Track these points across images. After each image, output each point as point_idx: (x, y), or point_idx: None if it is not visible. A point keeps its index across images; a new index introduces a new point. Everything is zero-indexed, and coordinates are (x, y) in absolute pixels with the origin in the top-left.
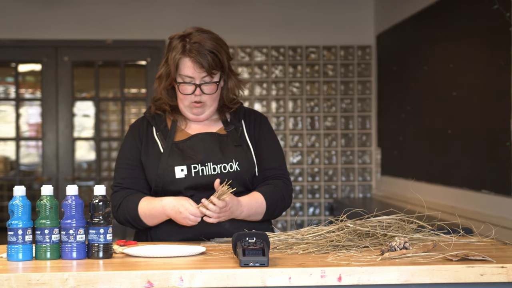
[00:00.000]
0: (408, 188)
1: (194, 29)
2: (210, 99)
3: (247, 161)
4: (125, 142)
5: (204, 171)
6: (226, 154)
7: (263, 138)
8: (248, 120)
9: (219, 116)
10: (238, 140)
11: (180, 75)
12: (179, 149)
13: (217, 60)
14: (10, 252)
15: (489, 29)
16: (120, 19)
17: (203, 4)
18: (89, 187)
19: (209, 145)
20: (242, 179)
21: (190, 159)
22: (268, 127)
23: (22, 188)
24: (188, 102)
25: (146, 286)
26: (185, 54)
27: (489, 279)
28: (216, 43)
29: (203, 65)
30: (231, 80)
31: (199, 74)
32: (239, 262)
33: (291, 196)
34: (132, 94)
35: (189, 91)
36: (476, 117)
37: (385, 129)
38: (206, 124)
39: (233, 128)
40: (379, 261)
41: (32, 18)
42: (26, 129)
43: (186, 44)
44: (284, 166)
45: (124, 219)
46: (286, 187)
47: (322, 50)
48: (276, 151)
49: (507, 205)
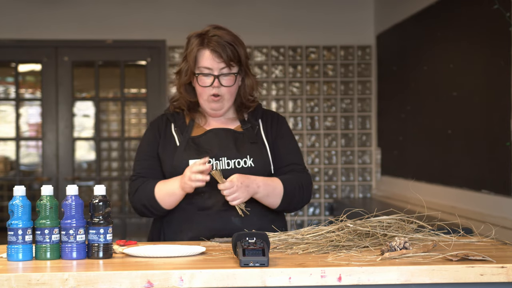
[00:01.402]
0: (408, 188)
1: (212, 26)
2: (228, 92)
3: (262, 159)
4: (145, 137)
5: (218, 166)
6: (240, 150)
7: (280, 137)
8: (265, 119)
9: (237, 115)
10: (254, 138)
11: (198, 67)
12: (194, 143)
13: (236, 52)
14: (10, 252)
15: (489, 29)
16: (120, 19)
17: (203, 4)
18: (89, 187)
19: (224, 140)
20: (257, 175)
21: (205, 153)
22: (285, 126)
23: (22, 188)
24: (206, 96)
25: (146, 286)
26: (203, 46)
27: (489, 279)
28: (234, 38)
29: (222, 55)
30: (249, 78)
31: (218, 65)
32: (239, 262)
33: (310, 189)
34: (132, 94)
35: (207, 83)
36: (476, 117)
37: (385, 129)
38: (223, 122)
39: (250, 126)
40: (379, 261)
41: (32, 18)
42: (26, 129)
43: (204, 38)
44: (302, 162)
45: (140, 204)
46: (305, 178)
47: (322, 50)
48: (294, 149)
49: (507, 205)
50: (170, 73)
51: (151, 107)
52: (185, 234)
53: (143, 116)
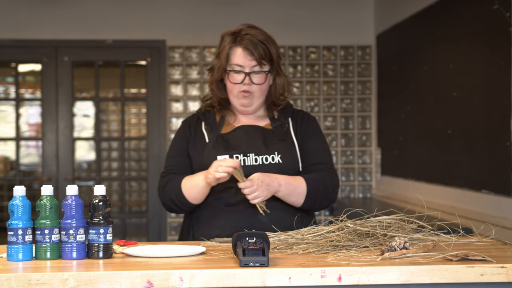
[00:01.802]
0: (408, 188)
1: (245, 25)
2: (259, 90)
3: (291, 156)
4: (176, 135)
5: (246, 162)
6: (269, 147)
7: (309, 136)
8: (295, 118)
9: (267, 113)
10: (283, 135)
11: (230, 64)
12: (223, 140)
13: (267, 51)
14: (10, 252)
15: (489, 29)
16: (120, 19)
17: (203, 4)
18: (89, 187)
19: (253, 137)
20: (284, 172)
21: (233, 150)
22: (315, 125)
23: (22, 188)
24: (236, 92)
25: (146, 286)
26: (236, 44)
27: (489, 279)
28: (267, 37)
29: (254, 53)
30: (280, 77)
31: (249, 63)
32: (239, 262)
33: (335, 188)
34: (132, 94)
35: (238, 80)
36: (476, 117)
37: (385, 129)
38: (253, 119)
39: (279, 124)
40: (379, 261)
41: (32, 18)
42: (26, 129)
43: (237, 36)
44: (330, 161)
45: (168, 198)
46: (330, 177)
47: (322, 50)
48: (322, 148)
49: (507, 205)
50: (170, 73)
51: (151, 107)
52: (213, 230)
53: (143, 116)
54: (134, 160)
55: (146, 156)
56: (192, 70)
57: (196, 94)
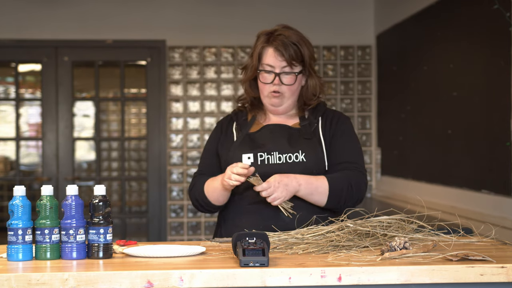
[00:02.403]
0: (408, 188)
1: (281, 25)
2: (289, 90)
3: (316, 154)
4: (210, 135)
5: (270, 160)
6: (293, 145)
7: (338, 135)
8: (326, 117)
9: (298, 112)
10: (309, 134)
11: (262, 64)
12: (250, 138)
13: (299, 52)
14: (10, 252)
15: (489, 29)
16: (120, 19)
17: (203, 4)
18: (89, 187)
19: (278, 135)
20: (308, 170)
21: (258, 148)
22: (347, 125)
23: (22, 188)
24: (267, 92)
25: (146, 286)
26: (268, 44)
27: (489, 279)
28: (300, 38)
29: (284, 54)
30: (312, 79)
31: (279, 63)
32: (239, 262)
33: (361, 187)
34: (132, 94)
35: (268, 80)
36: (476, 117)
37: (385, 129)
38: (283, 118)
39: (307, 123)
40: (379, 261)
41: (32, 18)
42: (26, 129)
43: (270, 36)
44: (359, 161)
45: (194, 199)
46: (356, 176)
47: (322, 50)
48: (351, 147)
49: (507, 205)
50: (170, 73)
51: (151, 107)
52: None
53: (143, 116)
54: (134, 160)
55: (146, 156)
56: (192, 70)
57: (196, 94)
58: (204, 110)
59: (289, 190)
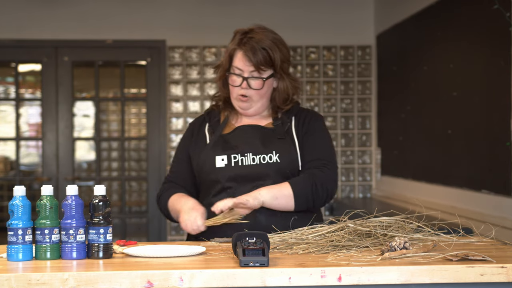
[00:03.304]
0: (408, 188)
1: (257, 26)
2: (257, 94)
3: (289, 154)
4: (182, 137)
5: (243, 161)
6: (267, 146)
7: (310, 133)
8: (299, 116)
9: (271, 113)
10: (283, 134)
11: (232, 66)
12: (223, 140)
13: (268, 58)
14: (10, 252)
15: (489, 29)
16: (120, 19)
17: (203, 4)
18: (89, 187)
19: (251, 136)
20: (282, 171)
21: (231, 149)
22: (319, 123)
23: (22, 188)
24: (235, 95)
25: (146, 286)
26: (239, 47)
27: (489, 279)
28: (272, 42)
29: (252, 60)
30: (284, 81)
31: (247, 68)
32: (239, 262)
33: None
34: (132, 94)
35: (236, 83)
36: (476, 117)
37: (385, 129)
38: (255, 119)
39: (280, 123)
40: (379, 261)
41: (32, 18)
42: (26, 129)
43: (243, 38)
44: (328, 157)
45: (160, 208)
46: (321, 174)
47: (322, 50)
48: (322, 144)
49: (507, 205)
50: (170, 73)
51: (151, 107)
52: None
53: (143, 116)
54: (134, 160)
55: (146, 156)
56: (192, 70)
57: (196, 94)
58: (204, 110)
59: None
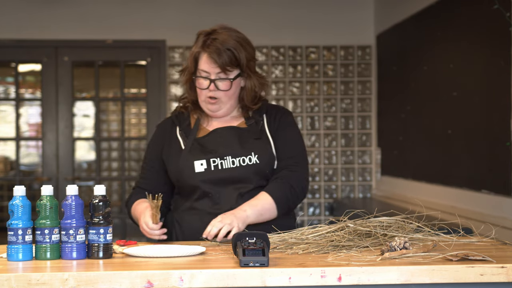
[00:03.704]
0: (408, 188)
1: (220, 26)
2: (225, 96)
3: (267, 154)
4: (150, 142)
5: (223, 165)
6: (245, 147)
7: (281, 129)
8: (270, 114)
9: (241, 113)
10: (258, 133)
11: (198, 69)
12: (199, 144)
13: (234, 58)
14: (10, 252)
15: (489, 29)
16: (120, 19)
17: (203, 4)
18: (89, 187)
19: (228, 139)
20: (262, 171)
21: (210, 154)
22: (288, 119)
23: (22, 188)
24: (204, 97)
25: (146, 286)
26: (203, 49)
27: (489, 279)
28: (236, 41)
29: (217, 61)
30: (251, 80)
31: (214, 70)
32: (239, 262)
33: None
34: (132, 94)
35: (204, 86)
36: (476, 117)
37: (385, 129)
38: (227, 120)
39: (254, 122)
40: (379, 261)
41: (32, 18)
42: (26, 129)
43: (207, 39)
44: (298, 154)
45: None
46: (294, 174)
47: (322, 50)
48: (292, 140)
49: (507, 205)
50: (170, 73)
51: (151, 107)
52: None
53: (143, 116)
54: (134, 160)
55: None
56: None
57: None
58: None
59: (237, 216)
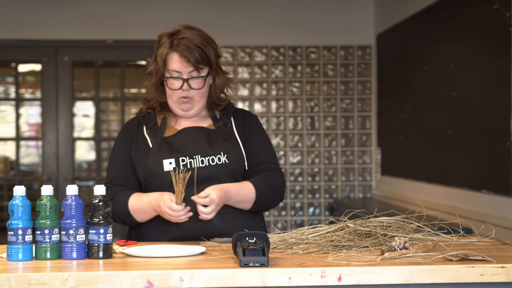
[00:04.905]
0: (408, 188)
1: (182, 26)
2: (198, 94)
3: (236, 154)
4: (117, 141)
5: (192, 164)
6: (214, 147)
7: (252, 135)
8: (238, 118)
9: (208, 113)
10: (226, 135)
11: (168, 70)
12: (167, 143)
13: (204, 55)
14: (10, 252)
15: (489, 29)
16: (120, 19)
17: (203, 4)
18: (89, 187)
19: (197, 138)
20: (231, 171)
21: (178, 152)
22: (257, 124)
23: (22, 188)
24: (176, 98)
25: (146, 286)
26: (172, 49)
27: (489, 279)
28: (203, 39)
29: (190, 59)
30: (219, 77)
31: (186, 69)
32: (239, 262)
33: (283, 188)
34: (132, 94)
35: (176, 86)
36: (476, 117)
37: (385, 129)
38: (195, 120)
39: (222, 124)
40: (379, 261)
41: (32, 18)
42: (26, 129)
43: (174, 40)
44: (274, 160)
45: (114, 214)
46: (276, 178)
47: (322, 50)
48: (266, 146)
49: (507, 205)
50: None
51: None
52: (164, 235)
53: None
54: None
55: None
56: None
57: None
58: None
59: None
